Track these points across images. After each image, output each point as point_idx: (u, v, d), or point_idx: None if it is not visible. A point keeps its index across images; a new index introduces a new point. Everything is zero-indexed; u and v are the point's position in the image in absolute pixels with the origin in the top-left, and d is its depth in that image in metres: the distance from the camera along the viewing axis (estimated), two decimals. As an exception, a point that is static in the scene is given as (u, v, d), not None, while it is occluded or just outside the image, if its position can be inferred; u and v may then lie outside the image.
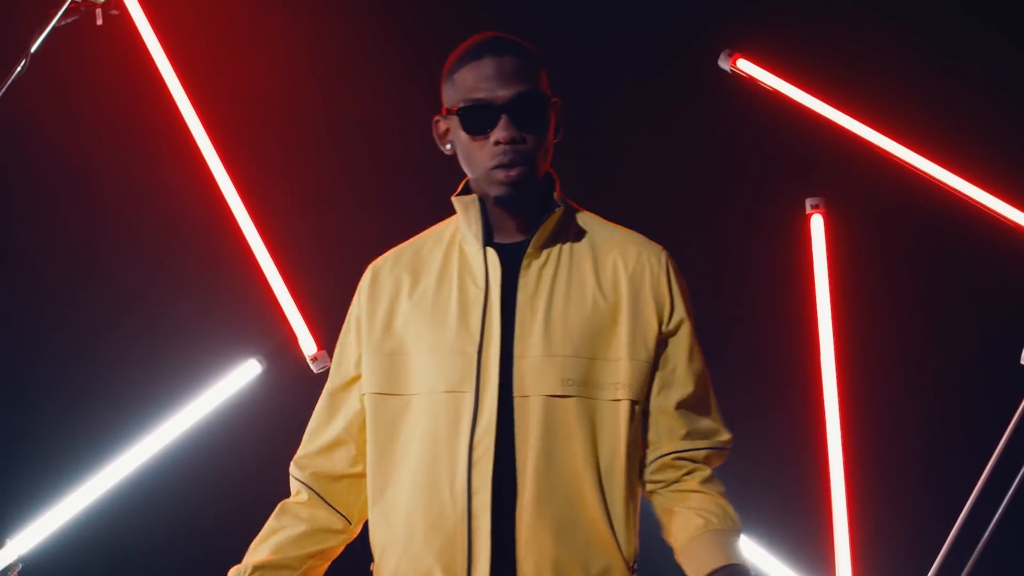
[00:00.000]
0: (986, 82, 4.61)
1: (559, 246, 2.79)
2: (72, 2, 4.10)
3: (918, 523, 4.48)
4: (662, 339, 2.78)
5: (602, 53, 4.72)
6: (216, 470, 4.63)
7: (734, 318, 4.58)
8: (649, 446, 2.78)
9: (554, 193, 2.80)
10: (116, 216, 4.75)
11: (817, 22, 4.69)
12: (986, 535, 4.12)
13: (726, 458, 2.84)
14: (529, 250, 2.76)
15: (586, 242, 2.81)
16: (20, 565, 4.28)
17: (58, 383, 4.69)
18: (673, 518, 2.77)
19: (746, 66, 4.56)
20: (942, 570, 4.19)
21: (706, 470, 2.79)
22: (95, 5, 4.24)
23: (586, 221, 2.85)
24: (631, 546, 2.73)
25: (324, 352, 4.46)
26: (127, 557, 4.66)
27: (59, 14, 4.08)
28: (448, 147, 2.83)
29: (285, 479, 4.69)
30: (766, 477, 4.43)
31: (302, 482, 2.93)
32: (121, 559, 4.65)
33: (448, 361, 2.73)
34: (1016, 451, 4.13)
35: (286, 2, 4.82)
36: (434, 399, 2.73)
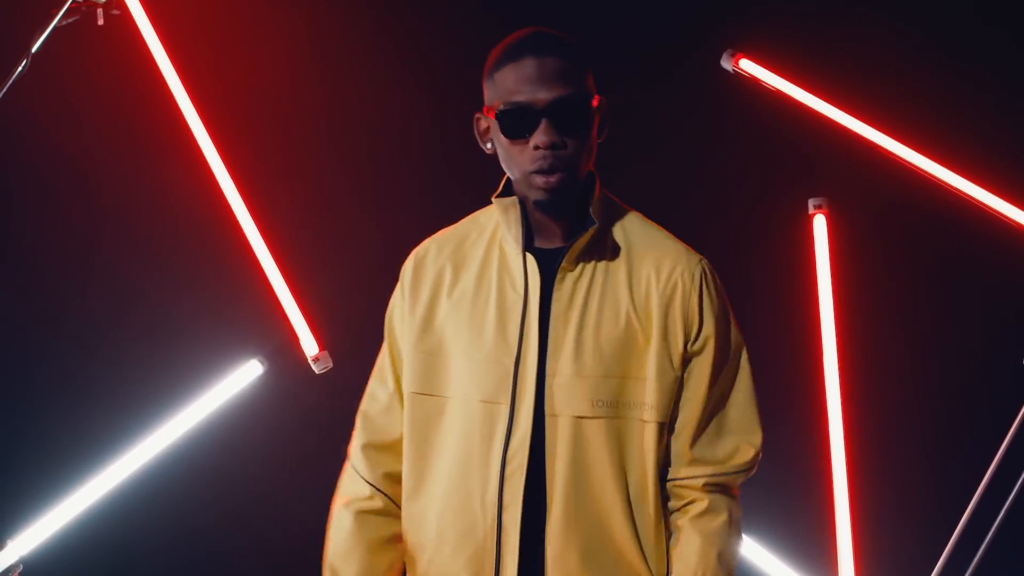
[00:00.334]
0: (989, 82, 4.60)
1: (595, 260, 2.74)
2: (73, 2, 4.10)
3: (921, 523, 4.48)
4: (687, 358, 2.74)
5: (604, 53, 4.72)
6: (217, 471, 4.63)
7: (736, 319, 4.57)
8: (664, 468, 2.76)
9: (592, 199, 2.75)
10: (117, 216, 4.75)
11: (820, 22, 4.69)
12: (989, 536, 4.11)
13: (743, 479, 2.79)
14: (564, 263, 2.72)
15: (622, 254, 2.76)
16: (21, 566, 4.27)
17: (59, 383, 4.69)
18: (671, 563, 2.74)
19: (748, 66, 4.55)
20: (945, 571, 4.19)
21: (703, 501, 2.73)
22: (96, 5, 4.24)
23: (627, 228, 2.79)
24: (661, 570, 2.72)
25: (325, 352, 4.45)
26: (128, 558, 4.66)
27: (60, 14, 4.07)
28: (489, 146, 2.78)
29: (286, 479, 4.71)
30: (769, 478, 4.37)
31: (375, 485, 2.88)
32: (122, 560, 4.65)
33: (485, 370, 2.71)
34: (1020, 451, 4.13)
35: (288, 1, 4.81)
36: (470, 407, 2.72)
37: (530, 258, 2.73)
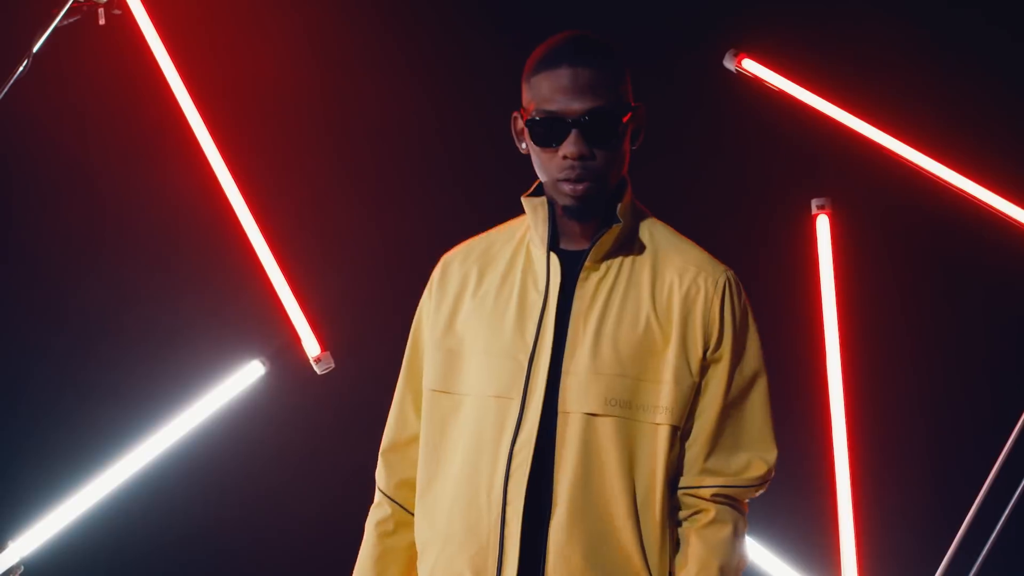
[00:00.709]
0: (993, 81, 4.60)
1: (620, 259, 2.75)
2: (74, 2, 4.10)
3: (924, 524, 4.47)
4: (705, 365, 2.73)
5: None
6: (219, 471, 4.62)
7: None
8: (674, 473, 2.75)
9: (620, 202, 2.75)
10: (118, 216, 4.74)
11: (823, 21, 4.68)
12: (992, 537, 4.11)
13: (753, 494, 2.78)
14: (587, 262, 2.73)
15: (647, 257, 2.76)
16: (22, 567, 4.27)
17: (60, 384, 4.68)
18: (673, 570, 2.74)
19: (751, 66, 4.55)
20: (948, 572, 4.18)
21: (710, 512, 2.72)
22: (97, 5, 4.23)
23: (652, 233, 2.80)
24: (663, 573, 2.71)
25: (327, 353, 4.45)
26: (130, 559, 4.65)
27: (61, 14, 4.07)
28: (523, 146, 2.77)
29: (288, 480, 4.70)
30: (772, 478, 4.41)
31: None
32: (124, 561, 4.65)
33: (499, 365, 2.71)
34: (1023, 452, 4.12)
35: (289, 1, 4.81)
36: (483, 402, 2.72)
37: (553, 257, 2.74)
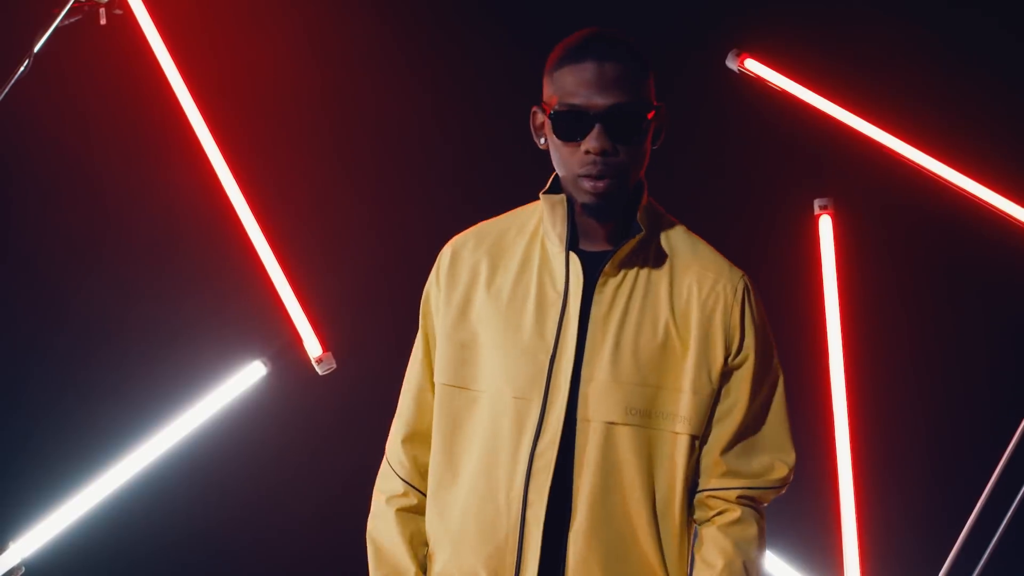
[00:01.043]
0: (996, 82, 4.59)
1: (638, 267, 2.73)
2: (75, 2, 4.09)
3: (927, 525, 4.47)
4: (726, 372, 2.73)
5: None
6: (220, 472, 4.62)
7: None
8: (698, 479, 2.76)
9: (639, 207, 2.73)
10: (119, 217, 4.74)
11: (825, 21, 4.68)
12: (996, 538, 4.11)
13: (774, 495, 2.79)
14: (607, 268, 2.71)
15: (666, 264, 2.75)
16: (23, 569, 4.27)
17: (62, 384, 4.68)
18: (695, 564, 2.74)
19: (754, 66, 4.54)
20: (951, 573, 4.17)
21: (735, 511, 2.73)
22: (98, 5, 4.22)
23: (671, 238, 2.78)
24: None
25: (329, 354, 4.45)
26: (131, 560, 4.65)
27: (62, 14, 4.06)
28: (542, 141, 2.75)
29: (289, 481, 4.70)
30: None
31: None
32: (125, 562, 4.64)
33: (519, 365, 2.70)
34: (1026, 453, 4.13)
35: (290, 1, 4.80)
36: (501, 401, 2.70)
37: (573, 257, 2.72)
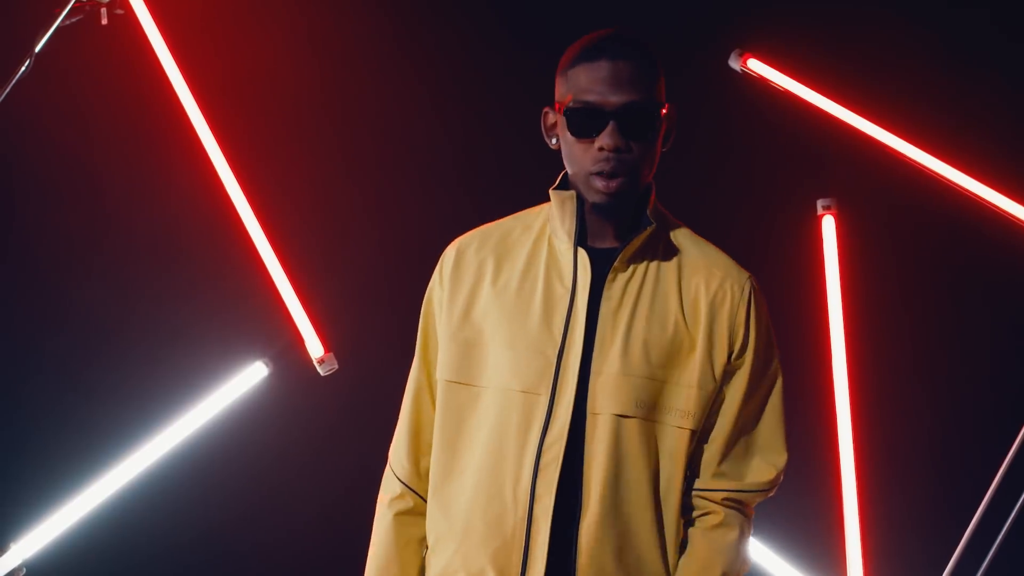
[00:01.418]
0: (1000, 81, 4.59)
1: (646, 262, 2.75)
2: (77, 1, 4.08)
3: (930, 526, 4.46)
4: (728, 370, 2.74)
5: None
6: (222, 473, 4.62)
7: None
8: (690, 476, 2.76)
9: (648, 204, 2.76)
10: (121, 217, 4.73)
11: (828, 21, 4.67)
12: (999, 539, 4.10)
13: (761, 499, 2.80)
14: (616, 263, 2.72)
15: (674, 261, 2.77)
16: (24, 570, 4.26)
17: (63, 385, 4.68)
18: (679, 565, 2.74)
19: (757, 66, 4.54)
20: (955, 573, 4.17)
21: (719, 515, 2.75)
22: (100, 4, 4.22)
23: (678, 238, 2.80)
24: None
25: (331, 354, 4.44)
26: (132, 561, 4.65)
27: (63, 13, 4.06)
28: (554, 141, 2.78)
29: (291, 481, 4.69)
30: (777, 482, 4.40)
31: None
32: (126, 563, 4.64)
33: (526, 360, 2.70)
34: (1030, 454, 4.12)
35: (293, 1, 4.80)
36: (507, 396, 2.70)
37: (582, 253, 2.73)
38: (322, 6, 4.79)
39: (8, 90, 3.96)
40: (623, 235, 2.75)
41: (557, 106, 2.74)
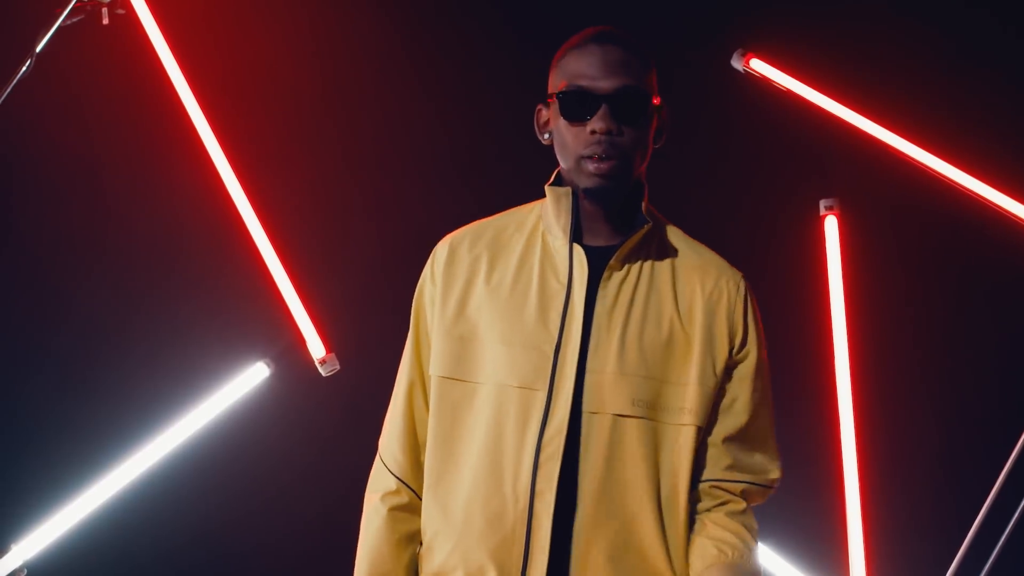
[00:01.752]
0: (1003, 81, 4.59)
1: (640, 261, 2.76)
2: (78, 1, 4.08)
3: (933, 527, 4.46)
4: (730, 366, 2.75)
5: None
6: (223, 473, 4.62)
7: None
8: (697, 473, 2.75)
9: (642, 204, 2.77)
10: (122, 217, 4.73)
11: (831, 21, 4.67)
12: (1002, 540, 4.10)
13: (768, 496, 2.81)
14: (612, 262, 2.73)
15: (668, 261, 2.78)
16: (25, 571, 4.26)
17: (64, 386, 4.68)
18: (692, 546, 2.73)
19: (759, 66, 4.54)
20: (958, 574, 4.16)
21: (740, 503, 2.75)
22: (101, 4, 4.21)
23: (671, 238, 2.82)
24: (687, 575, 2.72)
25: (332, 355, 4.44)
26: (133, 562, 4.65)
27: (64, 13, 4.05)
28: (546, 136, 2.80)
29: (292, 482, 4.69)
30: (780, 481, 4.40)
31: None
32: (127, 564, 4.64)
33: (522, 355, 2.70)
34: (1033, 455, 4.12)
35: (294, 1, 4.80)
36: (504, 392, 2.70)
37: (578, 249, 2.73)
38: (323, 6, 4.79)
39: (9, 90, 3.95)
40: (617, 234, 2.76)
41: (550, 100, 2.76)
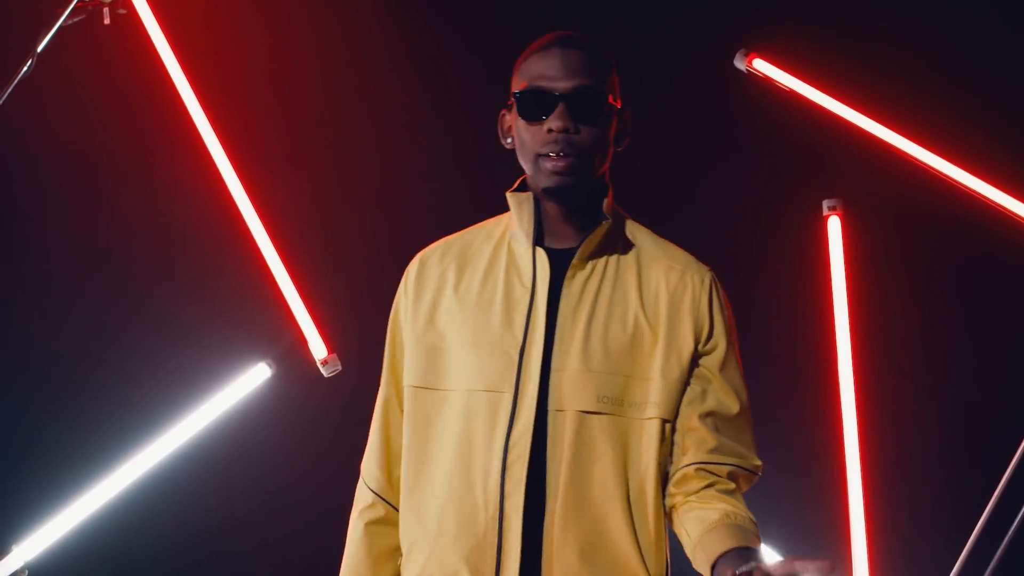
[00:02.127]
0: (1006, 82, 4.59)
1: (605, 258, 2.77)
2: (79, 1, 4.07)
3: (936, 528, 4.46)
4: (696, 357, 2.75)
5: (616, 53, 4.69)
6: (225, 474, 4.62)
7: (750, 321, 4.53)
8: (673, 458, 2.74)
9: (604, 203, 2.78)
10: (124, 217, 4.74)
11: (833, 21, 4.68)
12: (1005, 542, 4.10)
13: (751, 484, 2.80)
14: (575, 261, 2.74)
15: (632, 257, 2.79)
16: (26, 572, 4.26)
17: (65, 386, 4.68)
18: (689, 517, 2.70)
19: (762, 66, 4.54)
20: (961, 575, 4.16)
21: (730, 484, 2.73)
22: (102, 4, 4.21)
23: (635, 234, 2.83)
24: (660, 569, 2.71)
25: (334, 356, 4.44)
26: (134, 563, 4.65)
27: (66, 13, 4.04)
28: (509, 141, 2.82)
29: (294, 483, 4.69)
30: (782, 482, 4.38)
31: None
32: (128, 565, 4.64)
33: (489, 360, 2.72)
34: (1037, 455, 4.11)
35: (295, 1, 4.80)
36: (472, 397, 2.71)
37: (540, 252, 2.75)
38: (323, 6, 4.79)
39: (10, 90, 3.94)
40: (581, 234, 2.77)
41: (510, 102, 2.79)
